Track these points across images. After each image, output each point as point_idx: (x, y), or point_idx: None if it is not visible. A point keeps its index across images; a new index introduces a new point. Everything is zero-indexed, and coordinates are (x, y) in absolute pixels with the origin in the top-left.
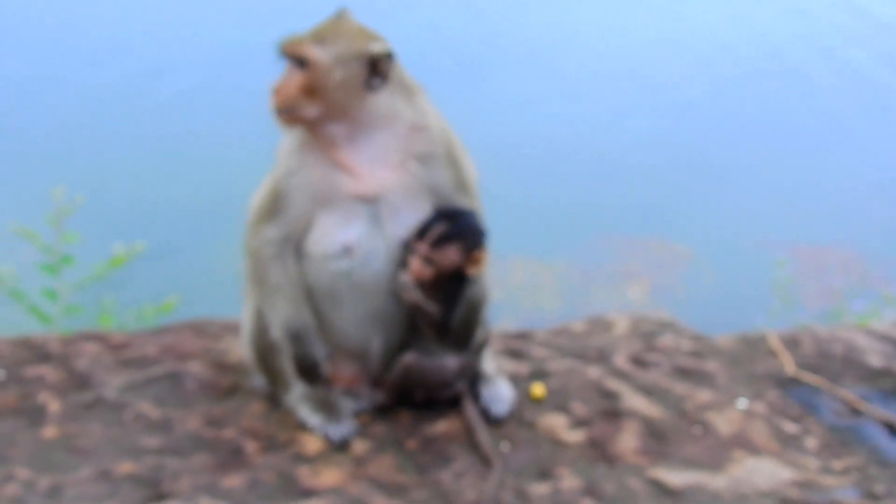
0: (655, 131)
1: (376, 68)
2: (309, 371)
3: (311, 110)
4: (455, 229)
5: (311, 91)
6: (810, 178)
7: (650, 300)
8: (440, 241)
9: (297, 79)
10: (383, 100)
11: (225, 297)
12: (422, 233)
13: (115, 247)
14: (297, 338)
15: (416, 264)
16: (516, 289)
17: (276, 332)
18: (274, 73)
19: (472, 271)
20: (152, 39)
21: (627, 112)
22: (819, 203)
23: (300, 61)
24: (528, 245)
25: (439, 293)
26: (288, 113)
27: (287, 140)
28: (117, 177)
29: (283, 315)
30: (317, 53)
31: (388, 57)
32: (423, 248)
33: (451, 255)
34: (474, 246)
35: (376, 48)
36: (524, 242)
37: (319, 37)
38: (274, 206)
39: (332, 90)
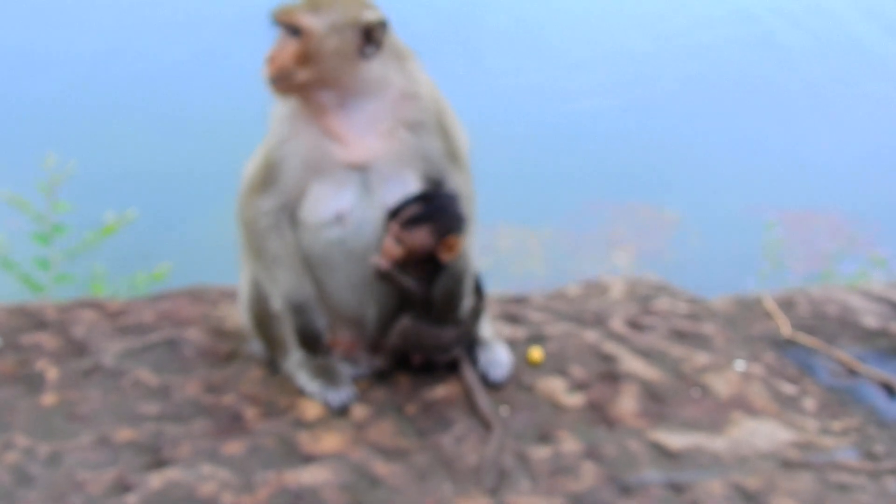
0: (641, 97)
1: (370, 36)
2: (311, 341)
3: (304, 78)
4: (428, 211)
5: (305, 59)
6: (796, 142)
7: (638, 265)
8: (411, 222)
9: (290, 47)
10: (375, 67)
11: (219, 263)
12: (395, 212)
13: (107, 215)
14: (298, 309)
15: (387, 243)
16: (504, 255)
17: (277, 303)
18: (266, 42)
19: (444, 257)
20: (146, 8)
21: (612, 78)
22: (805, 167)
23: (294, 30)
24: (516, 212)
25: (416, 273)
26: (282, 81)
27: (279, 109)
28: (109, 145)
29: (284, 286)
30: (311, 21)
31: (382, 25)
32: (394, 227)
33: (420, 236)
34: (447, 230)
35: (370, 16)
36: (511, 209)
37: (313, 5)
38: (267, 176)
39: (326, 58)
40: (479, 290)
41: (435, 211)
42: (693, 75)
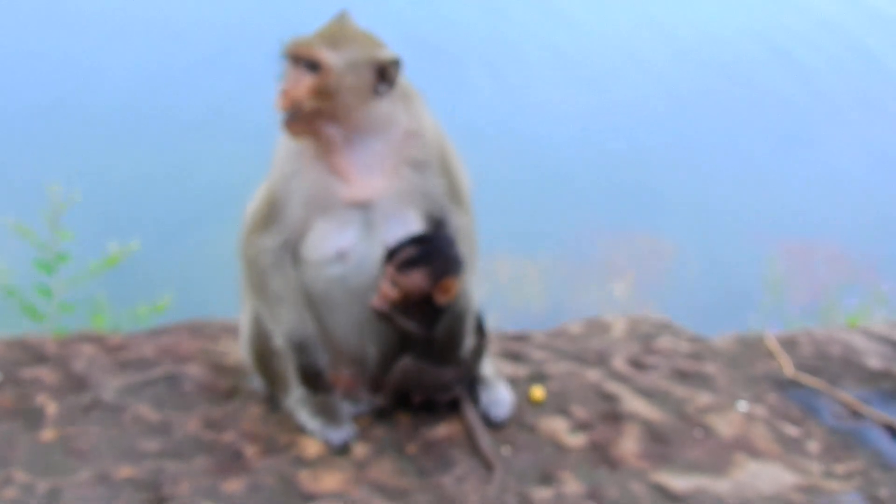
0: (640, 125)
1: (384, 74)
2: (313, 379)
3: (317, 113)
4: (423, 254)
5: (321, 94)
6: (796, 173)
7: (636, 295)
8: (406, 265)
9: (306, 81)
10: (384, 105)
11: (220, 295)
12: (391, 254)
13: (111, 245)
14: (301, 347)
15: (383, 285)
16: (503, 285)
17: (280, 341)
18: (267, 74)
19: (440, 299)
20: (149, 40)
21: (612, 106)
22: (805, 198)
23: (311, 64)
24: (514, 241)
25: (415, 315)
26: (295, 115)
27: (283, 145)
28: (113, 175)
29: (286, 325)
30: (331, 57)
31: (396, 64)
32: (390, 270)
33: (416, 279)
34: (442, 273)
35: (386, 55)
36: (510, 239)
37: (331, 40)
38: (270, 213)
39: (342, 94)
40: (481, 329)
41: (430, 254)
42: (693, 104)
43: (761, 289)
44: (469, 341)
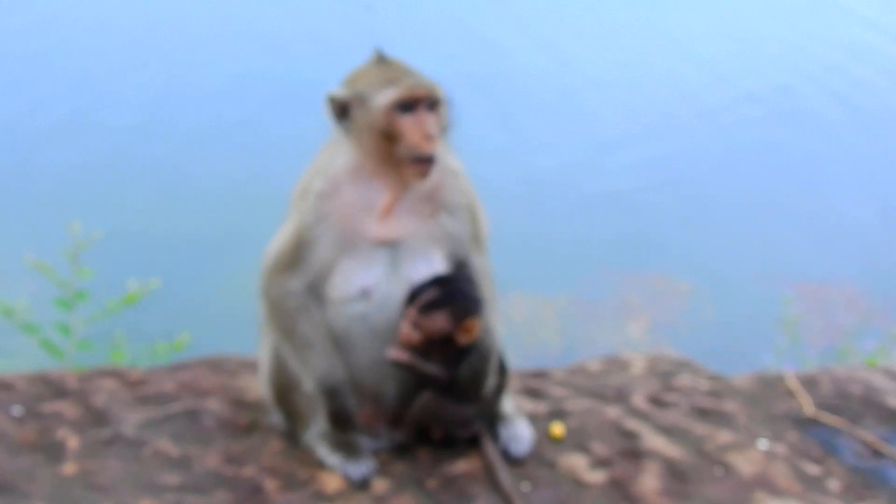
0: (656, 166)
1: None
2: (343, 422)
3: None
4: (444, 296)
5: (442, 131)
6: (811, 213)
7: (651, 336)
8: (428, 308)
9: (435, 121)
10: None
11: (237, 332)
12: (412, 297)
13: (130, 283)
14: (333, 392)
15: (405, 329)
16: (519, 324)
17: (309, 386)
18: (284, 109)
19: (462, 339)
20: (166, 80)
21: (626, 147)
22: (820, 239)
23: (433, 102)
24: (530, 281)
25: (436, 356)
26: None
27: (315, 184)
28: (131, 213)
29: (317, 371)
30: (444, 94)
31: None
32: (411, 313)
33: (438, 321)
34: (464, 314)
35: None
36: (525, 278)
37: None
38: (297, 254)
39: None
40: (502, 368)
41: (452, 295)
42: (708, 144)
43: (777, 330)
44: (491, 380)
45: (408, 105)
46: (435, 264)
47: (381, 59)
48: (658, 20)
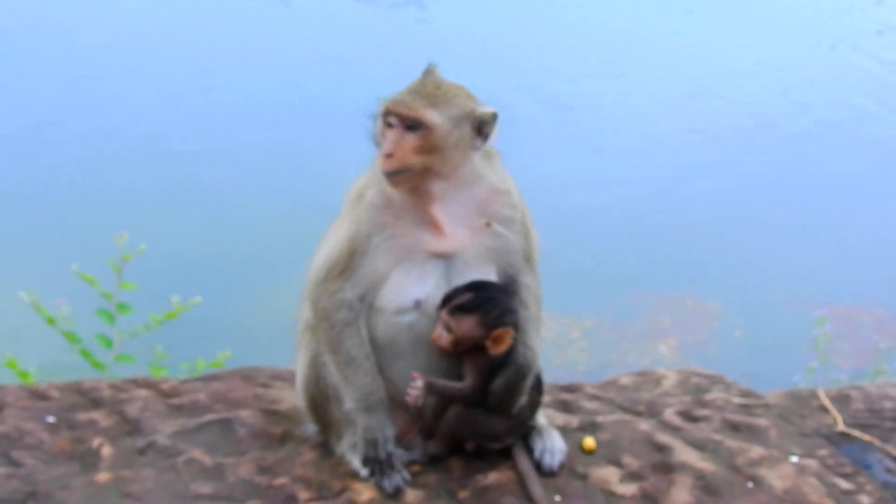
0: (686, 189)
1: (481, 129)
2: (376, 441)
3: (422, 171)
4: (477, 301)
5: (427, 152)
6: (840, 237)
7: (680, 357)
8: (460, 310)
9: (411, 141)
10: (476, 160)
11: (268, 349)
12: (447, 299)
13: (173, 298)
14: (371, 410)
15: (437, 330)
16: (547, 345)
17: (349, 403)
18: (321, 126)
19: (492, 350)
20: (211, 96)
21: (657, 170)
22: (850, 261)
23: (416, 124)
24: (559, 302)
25: (469, 368)
26: (401, 174)
27: (369, 194)
28: (173, 229)
29: (360, 389)
30: (435, 117)
31: (495, 118)
32: (444, 314)
33: (468, 325)
34: (495, 322)
35: (485, 109)
36: (555, 299)
37: (430, 99)
38: (349, 264)
39: (446, 151)
40: (538, 384)
41: (485, 301)
42: (738, 168)
43: (808, 352)
44: (525, 397)
45: (390, 121)
46: (487, 278)
47: (425, 73)
48: (728, 44)
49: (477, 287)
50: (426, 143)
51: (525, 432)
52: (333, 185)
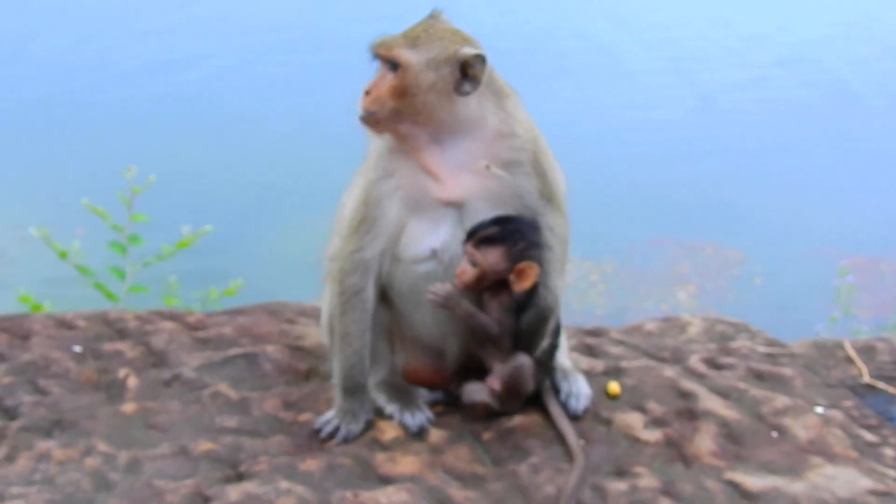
0: (709, 136)
1: (467, 72)
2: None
3: (397, 112)
4: (503, 233)
5: (401, 94)
6: (864, 187)
7: (698, 303)
8: (485, 241)
9: (388, 81)
10: (472, 104)
11: (289, 280)
12: (472, 232)
13: (183, 229)
14: (350, 393)
15: (461, 265)
16: (567, 288)
17: (334, 377)
18: (344, 64)
19: (517, 286)
20: (231, 30)
21: (682, 117)
22: (872, 213)
23: (392, 64)
24: (580, 245)
25: (493, 307)
26: (375, 114)
27: (374, 146)
28: (186, 159)
29: (344, 368)
30: (408, 56)
31: (481, 60)
32: (469, 247)
33: (494, 257)
34: (520, 255)
35: (467, 51)
36: (575, 243)
37: (412, 39)
38: (367, 215)
39: (422, 93)
40: (556, 328)
41: (511, 233)
42: (763, 117)
43: (829, 302)
44: (546, 340)
45: (375, 61)
46: None
47: (428, 17)
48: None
49: (503, 220)
50: (401, 84)
51: (544, 376)
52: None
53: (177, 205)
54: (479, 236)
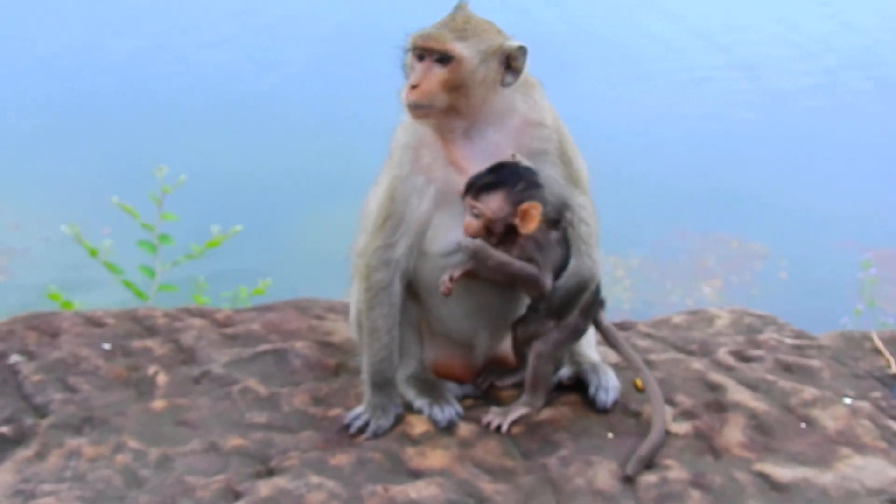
0: (735, 130)
1: (511, 64)
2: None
3: (448, 105)
4: (500, 178)
5: (455, 87)
6: (888, 181)
7: (724, 297)
8: (484, 189)
9: (439, 74)
10: (507, 95)
11: (316, 278)
12: (469, 185)
13: (213, 228)
14: (378, 388)
15: (466, 219)
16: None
17: (363, 373)
18: (363, 58)
19: (523, 228)
20: (253, 30)
21: (707, 110)
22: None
23: (444, 57)
24: (605, 240)
25: (522, 255)
26: (425, 108)
27: (400, 138)
28: (217, 158)
29: (372, 363)
30: (463, 50)
31: (524, 52)
32: (468, 199)
33: (494, 202)
34: (521, 196)
35: (513, 43)
36: (601, 238)
37: (459, 32)
38: (394, 209)
39: (474, 86)
40: (598, 297)
41: (508, 176)
42: (784, 113)
43: (854, 295)
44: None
45: (420, 55)
46: None
47: (456, 8)
48: None
49: (498, 166)
50: (454, 78)
51: (599, 308)
52: (384, 115)
53: (205, 203)
54: (477, 186)
